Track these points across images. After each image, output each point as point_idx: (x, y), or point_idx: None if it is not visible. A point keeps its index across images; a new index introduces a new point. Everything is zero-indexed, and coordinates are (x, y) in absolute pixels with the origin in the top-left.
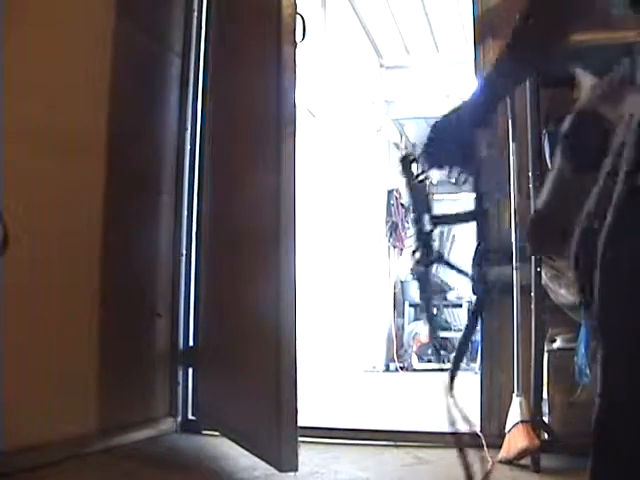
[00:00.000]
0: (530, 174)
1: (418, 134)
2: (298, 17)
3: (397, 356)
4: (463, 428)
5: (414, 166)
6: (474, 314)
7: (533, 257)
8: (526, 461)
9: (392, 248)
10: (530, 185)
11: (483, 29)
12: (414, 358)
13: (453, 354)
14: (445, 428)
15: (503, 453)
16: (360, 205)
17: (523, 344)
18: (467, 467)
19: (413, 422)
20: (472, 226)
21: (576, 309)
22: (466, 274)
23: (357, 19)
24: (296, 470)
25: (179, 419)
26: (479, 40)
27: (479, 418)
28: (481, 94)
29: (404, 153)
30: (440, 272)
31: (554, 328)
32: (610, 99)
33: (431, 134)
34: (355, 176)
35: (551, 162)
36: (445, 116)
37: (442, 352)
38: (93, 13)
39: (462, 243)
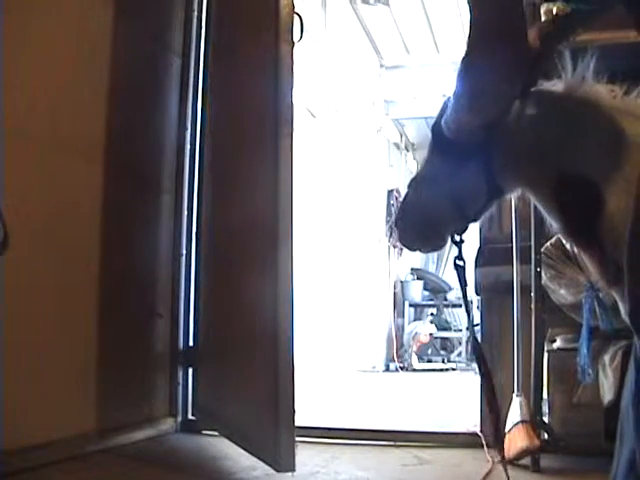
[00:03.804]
0: None
1: (418, 134)
2: (296, 16)
3: (397, 356)
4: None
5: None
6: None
7: (533, 257)
8: (526, 461)
9: (392, 248)
10: None
11: None
12: (414, 358)
13: None
14: (445, 428)
15: None
16: (360, 205)
17: (523, 344)
18: None
19: (413, 422)
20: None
21: (576, 309)
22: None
23: (357, 19)
24: (293, 470)
25: (179, 419)
26: None
27: (479, 418)
28: None
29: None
30: (440, 272)
31: (554, 328)
32: None
33: (399, 212)
34: (355, 176)
35: None
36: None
37: (442, 352)
38: (93, 14)
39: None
